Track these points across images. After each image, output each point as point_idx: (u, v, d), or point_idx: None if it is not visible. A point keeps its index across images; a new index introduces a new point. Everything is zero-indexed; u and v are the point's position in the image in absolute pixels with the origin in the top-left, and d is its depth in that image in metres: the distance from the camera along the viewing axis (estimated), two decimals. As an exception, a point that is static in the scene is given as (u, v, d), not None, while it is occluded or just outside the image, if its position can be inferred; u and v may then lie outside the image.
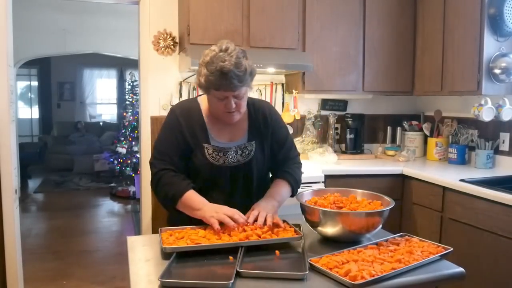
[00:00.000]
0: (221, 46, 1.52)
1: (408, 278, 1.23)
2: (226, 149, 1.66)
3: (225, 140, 1.68)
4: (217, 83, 1.49)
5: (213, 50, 1.52)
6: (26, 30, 6.01)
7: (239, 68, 1.49)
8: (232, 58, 1.48)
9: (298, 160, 1.83)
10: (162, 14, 3.23)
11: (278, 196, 1.67)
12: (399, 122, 3.67)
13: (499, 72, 2.69)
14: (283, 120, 1.85)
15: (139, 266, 1.33)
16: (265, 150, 1.73)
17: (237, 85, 1.50)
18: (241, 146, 1.68)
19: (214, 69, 1.47)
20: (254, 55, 3.03)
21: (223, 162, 1.65)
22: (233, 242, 1.39)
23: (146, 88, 3.26)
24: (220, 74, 1.47)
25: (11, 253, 2.68)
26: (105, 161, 7.63)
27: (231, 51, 1.50)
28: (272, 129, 1.74)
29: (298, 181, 1.78)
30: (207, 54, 1.52)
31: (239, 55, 1.51)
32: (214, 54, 1.50)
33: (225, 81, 1.48)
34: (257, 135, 1.72)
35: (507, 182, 2.52)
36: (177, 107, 1.72)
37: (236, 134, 1.70)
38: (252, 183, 1.71)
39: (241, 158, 1.68)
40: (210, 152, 1.64)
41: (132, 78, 7.22)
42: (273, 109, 1.81)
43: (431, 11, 3.20)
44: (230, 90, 1.51)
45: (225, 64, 1.46)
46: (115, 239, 4.69)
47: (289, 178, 1.73)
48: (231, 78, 1.48)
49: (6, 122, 2.61)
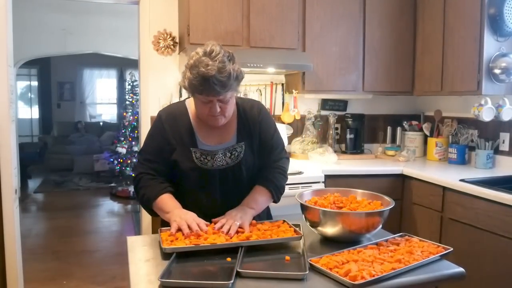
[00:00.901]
0: (205, 49, 1.47)
1: (408, 278, 1.23)
2: (214, 152, 1.63)
3: (214, 143, 1.65)
4: (199, 87, 1.46)
5: (198, 53, 1.48)
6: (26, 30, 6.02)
7: (221, 74, 1.44)
8: (215, 63, 1.43)
9: (282, 164, 1.74)
10: (162, 14, 3.23)
11: (253, 203, 1.62)
12: (399, 122, 3.67)
13: (499, 72, 2.69)
14: (273, 121, 1.80)
15: (139, 266, 1.33)
16: (254, 150, 1.70)
17: (219, 91, 1.46)
18: (230, 148, 1.65)
19: (196, 74, 1.44)
20: (254, 55, 3.06)
21: (211, 166, 1.63)
22: (233, 242, 1.39)
23: (146, 88, 3.26)
24: (201, 79, 1.43)
25: (11, 253, 2.68)
26: (105, 161, 7.63)
27: (216, 54, 1.45)
28: (261, 128, 1.71)
29: (280, 188, 1.71)
30: (192, 56, 1.48)
31: (223, 59, 1.45)
32: (198, 57, 1.46)
33: (207, 86, 1.45)
34: (246, 135, 1.68)
35: (507, 182, 2.52)
36: (163, 112, 1.69)
37: (224, 136, 1.67)
38: (243, 184, 1.68)
39: (230, 160, 1.65)
40: (197, 156, 1.62)
41: (132, 78, 7.22)
42: (263, 108, 1.76)
43: (431, 11, 3.20)
44: (212, 95, 1.48)
45: (207, 70, 1.42)
46: (115, 239, 4.69)
47: (268, 185, 1.67)
48: (213, 83, 1.43)
49: (6, 122, 2.61)
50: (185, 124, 1.65)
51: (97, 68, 10.65)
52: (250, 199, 1.65)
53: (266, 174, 1.70)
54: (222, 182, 1.65)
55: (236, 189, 1.67)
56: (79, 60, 9.55)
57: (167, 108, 1.74)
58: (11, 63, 2.67)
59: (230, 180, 1.66)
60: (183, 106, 1.70)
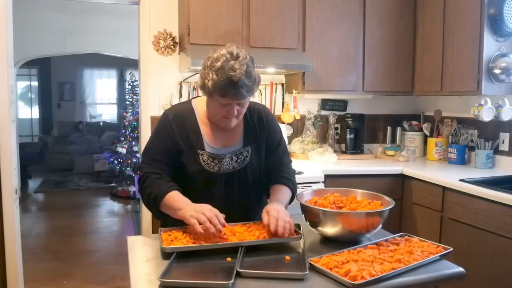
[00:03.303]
0: (232, 52, 1.47)
1: (408, 278, 1.23)
2: (221, 156, 1.62)
3: (220, 145, 1.64)
4: (225, 90, 1.45)
5: (224, 55, 1.46)
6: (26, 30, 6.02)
7: (249, 78, 1.46)
8: (243, 67, 1.44)
9: (292, 167, 1.79)
10: (162, 14, 3.24)
11: (283, 201, 1.63)
12: (399, 122, 3.67)
13: (499, 72, 2.70)
14: (278, 125, 1.81)
15: (139, 266, 1.33)
16: (261, 155, 1.70)
17: (245, 95, 1.47)
18: (236, 152, 1.64)
19: (224, 77, 1.43)
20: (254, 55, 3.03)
21: (218, 170, 1.61)
22: (233, 242, 1.39)
23: (146, 88, 3.26)
24: (229, 82, 1.43)
25: (11, 253, 2.68)
26: (105, 161, 7.64)
27: (242, 59, 1.46)
28: (268, 133, 1.71)
29: (296, 184, 1.74)
30: (217, 58, 1.47)
31: (249, 63, 1.48)
32: (225, 59, 1.45)
33: (234, 90, 1.44)
34: (252, 139, 1.68)
35: (507, 182, 2.52)
36: (170, 112, 1.66)
37: (231, 140, 1.66)
38: (249, 189, 1.67)
39: (236, 164, 1.64)
40: (205, 159, 1.60)
41: (132, 78, 7.22)
42: (269, 113, 1.77)
43: (431, 11, 3.21)
44: (236, 99, 1.48)
45: (236, 74, 1.42)
46: (115, 239, 4.69)
47: (288, 183, 1.69)
48: (240, 87, 1.44)
49: (6, 122, 2.61)
50: (192, 125, 1.63)
51: (97, 68, 10.65)
52: (278, 196, 1.63)
53: (281, 174, 1.71)
54: (227, 186, 1.64)
55: (241, 193, 1.66)
56: (79, 60, 9.54)
57: (174, 108, 1.72)
58: (11, 63, 2.67)
59: (236, 184, 1.65)
60: (190, 107, 1.68)
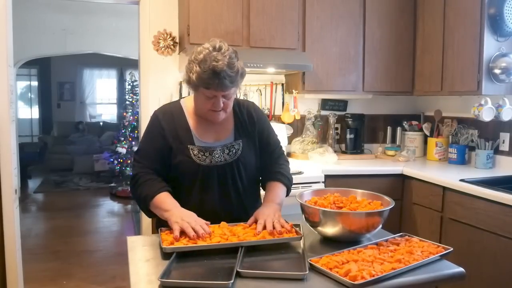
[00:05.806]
0: (214, 45, 1.52)
1: (408, 278, 1.23)
2: (212, 149, 1.65)
3: (211, 140, 1.67)
4: (208, 81, 1.49)
5: (207, 48, 1.52)
6: (26, 30, 6.02)
7: (232, 69, 1.50)
8: (225, 58, 1.48)
9: (285, 158, 1.83)
10: (162, 14, 3.24)
11: (277, 199, 1.66)
12: (399, 122, 3.67)
13: (499, 72, 2.69)
14: (268, 119, 1.86)
15: (139, 266, 1.33)
16: (253, 149, 1.72)
17: (228, 85, 1.51)
18: (228, 145, 1.67)
19: (207, 68, 1.48)
20: (254, 55, 3.06)
21: (209, 162, 1.63)
22: (233, 242, 1.39)
23: (146, 88, 3.26)
24: (212, 73, 1.48)
25: (11, 253, 2.68)
26: (105, 161, 7.63)
27: (225, 50, 1.51)
28: (258, 128, 1.74)
29: (291, 180, 1.77)
30: (200, 51, 1.52)
31: (231, 55, 1.52)
32: (207, 52, 1.50)
33: (217, 80, 1.48)
34: (243, 133, 1.71)
35: (507, 182, 2.52)
36: (159, 111, 1.72)
37: (221, 134, 1.69)
38: (242, 182, 1.69)
39: (228, 157, 1.66)
40: (195, 152, 1.63)
41: (132, 78, 7.21)
42: (257, 108, 1.82)
43: (431, 11, 3.20)
44: (220, 90, 1.52)
45: (218, 64, 1.47)
46: (115, 239, 4.69)
47: (282, 178, 1.72)
48: (223, 78, 1.48)
49: (6, 122, 2.61)
50: (181, 123, 1.67)
51: (97, 68, 10.64)
52: (271, 195, 1.67)
53: (274, 169, 1.74)
54: (220, 180, 1.65)
55: (234, 188, 1.68)
56: (79, 60, 9.55)
57: (163, 107, 1.77)
58: (11, 63, 2.67)
59: (229, 178, 1.66)
60: (179, 105, 1.73)
